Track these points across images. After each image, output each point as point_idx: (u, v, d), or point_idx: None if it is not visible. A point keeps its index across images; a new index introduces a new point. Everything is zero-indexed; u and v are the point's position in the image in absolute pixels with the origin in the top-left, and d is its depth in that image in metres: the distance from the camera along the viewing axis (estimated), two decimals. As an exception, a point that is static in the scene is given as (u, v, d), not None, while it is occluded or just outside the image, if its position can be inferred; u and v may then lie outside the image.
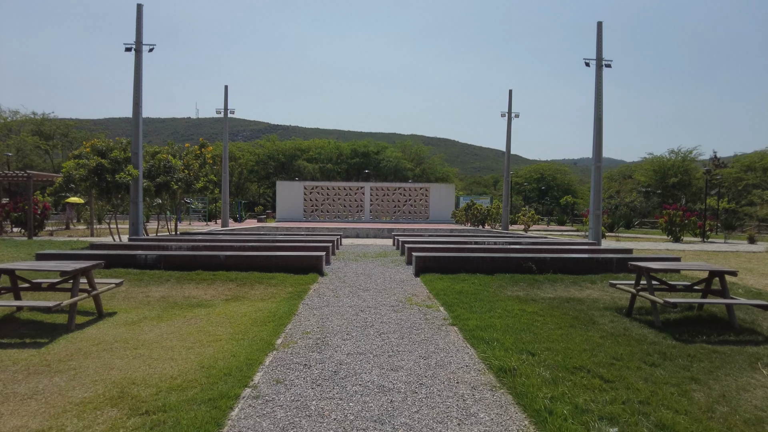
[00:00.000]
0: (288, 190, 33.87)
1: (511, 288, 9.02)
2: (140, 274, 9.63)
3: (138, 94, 15.15)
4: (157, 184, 16.10)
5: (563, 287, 9.28)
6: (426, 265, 10.56)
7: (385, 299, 7.91)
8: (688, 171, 48.28)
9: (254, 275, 9.64)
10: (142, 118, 15.36)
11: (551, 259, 10.90)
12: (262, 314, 6.66)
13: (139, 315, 6.62)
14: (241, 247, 12.47)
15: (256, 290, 8.48)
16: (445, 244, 14.48)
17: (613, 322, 6.47)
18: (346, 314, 6.79)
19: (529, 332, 5.82)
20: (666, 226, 24.41)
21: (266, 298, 7.83)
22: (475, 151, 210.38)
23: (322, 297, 8.00)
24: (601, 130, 15.90)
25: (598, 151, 15.98)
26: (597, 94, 15.85)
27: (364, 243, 19.91)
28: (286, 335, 5.69)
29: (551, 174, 65.69)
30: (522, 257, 10.80)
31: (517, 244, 14.89)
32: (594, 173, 16.10)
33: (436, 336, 5.73)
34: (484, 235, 19.78)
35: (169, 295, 8.03)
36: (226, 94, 25.77)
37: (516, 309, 7.06)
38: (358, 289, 8.77)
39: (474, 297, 7.92)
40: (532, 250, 13.07)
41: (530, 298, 8.13)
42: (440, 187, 35.45)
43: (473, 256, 10.77)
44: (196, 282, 9.08)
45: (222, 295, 8.04)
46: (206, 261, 10.43)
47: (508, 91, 25.75)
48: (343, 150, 61.91)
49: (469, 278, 9.78)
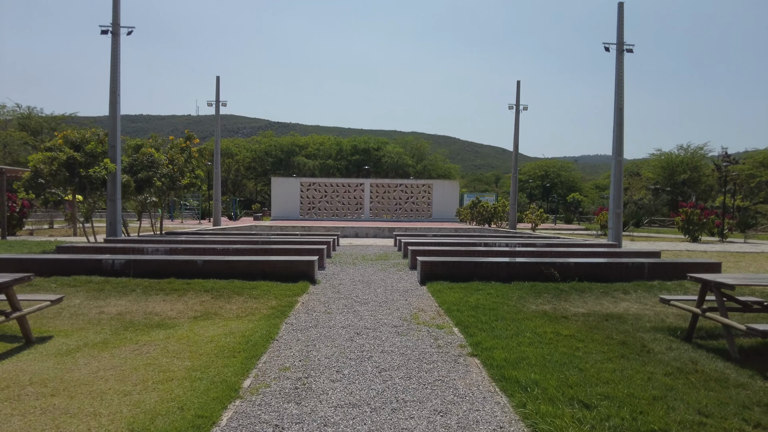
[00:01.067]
0: (284, 187, 32.47)
1: (534, 300, 7.70)
2: (103, 282, 8.31)
3: (115, 82, 13.81)
4: (138, 180, 14.77)
5: (594, 299, 7.97)
6: (433, 272, 9.25)
7: (387, 316, 6.59)
8: (698, 167, 46.86)
9: (234, 284, 8.32)
10: (120, 108, 14.03)
11: (576, 264, 9.58)
12: (234, 339, 5.35)
13: (79, 340, 5.31)
14: (225, 250, 11.16)
15: (232, 304, 7.16)
16: (453, 246, 13.17)
17: (672, 350, 5.15)
18: (338, 339, 5.47)
19: (573, 367, 4.50)
20: (683, 225, 23.08)
21: (243, 315, 6.51)
22: (476, 149, 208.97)
23: (310, 313, 6.68)
24: (622, 121, 14.55)
25: (618, 144, 14.62)
26: (618, 81, 14.48)
27: (364, 243, 18.59)
28: (259, 373, 4.38)
29: (555, 171, 64.27)
30: (542, 262, 9.47)
31: (531, 246, 13.58)
32: (614, 168, 14.75)
33: (453, 374, 4.41)
34: (493, 235, 18.46)
35: (128, 310, 6.71)
36: (218, 85, 24.41)
37: (548, 331, 5.74)
38: (354, 302, 7.45)
39: (493, 314, 6.60)
40: (551, 254, 11.76)
41: (560, 314, 6.81)
42: (444, 183, 34.01)
43: (487, 261, 9.45)
44: (165, 293, 7.76)
45: (191, 311, 6.72)
46: (181, 267, 9.11)
47: (516, 82, 24.44)
48: (342, 146, 60.47)
49: (483, 287, 8.45)
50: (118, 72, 13.86)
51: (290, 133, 72.60)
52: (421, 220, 32.47)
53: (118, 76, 13.85)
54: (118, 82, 13.87)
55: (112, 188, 13.85)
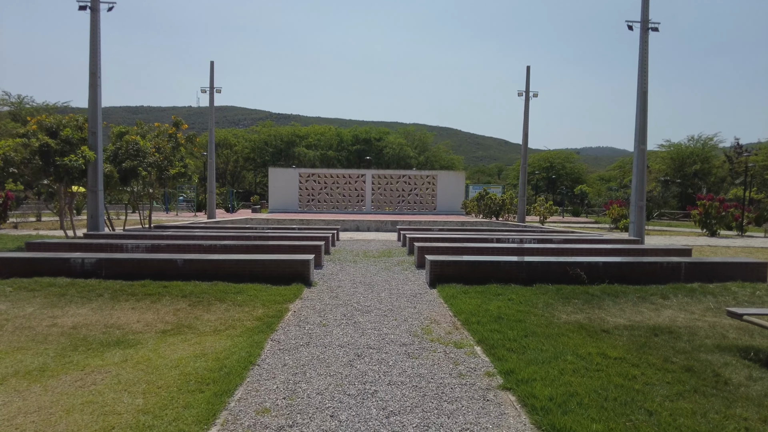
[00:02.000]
0: (282, 178, 31.28)
1: (564, 308, 6.63)
2: (67, 286, 7.26)
3: (95, 62, 12.67)
4: (122, 170, 13.69)
5: (631, 306, 6.90)
6: (443, 273, 8.18)
7: (393, 330, 5.53)
8: (708, 159, 45.56)
9: (218, 288, 7.27)
10: (101, 91, 12.90)
11: (604, 264, 8.51)
12: (205, 364, 4.30)
13: (9, 367, 4.26)
14: (211, 247, 10.10)
15: (212, 313, 6.10)
16: (463, 243, 12.10)
17: (755, 380, 4.09)
18: (335, 363, 4.42)
19: (639, 408, 3.45)
20: (701, 218, 21.96)
21: (221, 329, 5.46)
22: (478, 140, 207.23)
23: (302, 326, 5.63)
24: (646, 106, 13.40)
25: (642, 132, 13.48)
26: (641, 62, 13.31)
27: (365, 237, 17.54)
28: (229, 418, 3.33)
29: (560, 162, 62.95)
30: (567, 262, 8.40)
31: (548, 242, 12.50)
32: (637, 157, 13.61)
33: (484, 419, 3.36)
34: (503, 229, 17.37)
35: (87, 322, 5.66)
36: (212, 71, 23.22)
37: (592, 352, 4.68)
38: (354, 311, 6.39)
39: (520, 327, 5.54)
40: (571, 251, 10.69)
41: (598, 326, 5.75)
42: (448, 174, 32.76)
43: (505, 261, 8.37)
44: (136, 299, 6.71)
45: (161, 323, 5.67)
46: (160, 267, 8.06)
47: (526, 67, 23.18)
48: (343, 136, 59.14)
49: (502, 291, 7.39)
50: (98, 51, 12.71)
51: (291, 123, 71.30)
52: (424, 212, 31.36)
53: (98, 55, 12.71)
54: (99, 63, 12.73)
55: (93, 179, 12.77)
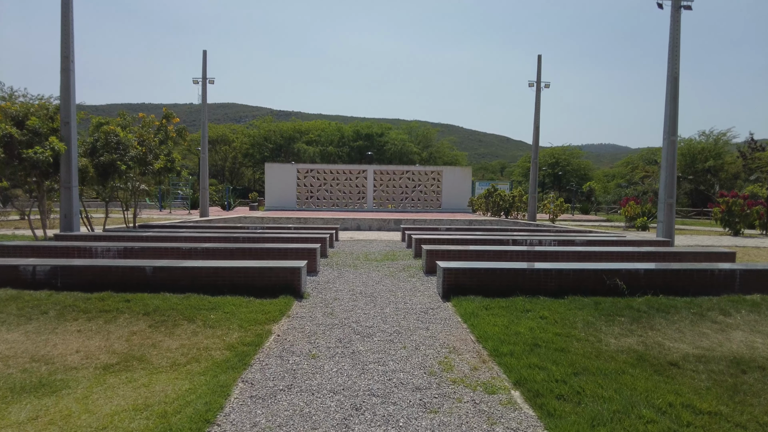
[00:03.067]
0: (279, 174, 29.95)
1: (608, 328, 5.41)
2: (9, 300, 6.05)
3: (67, 44, 11.43)
4: (99, 165, 12.47)
5: (689, 325, 5.67)
6: (458, 282, 6.96)
7: (403, 364, 4.31)
8: (720, 155, 44.09)
9: (190, 302, 6.05)
10: (75, 77, 11.66)
11: (646, 272, 7.26)
12: (143, 425, 3.08)
13: None
14: (191, 251, 8.88)
15: (175, 338, 4.88)
16: (475, 245, 10.88)
17: None
18: (324, 424, 3.20)
19: None
20: (723, 216, 20.67)
21: (181, 363, 4.24)
22: (480, 137, 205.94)
23: (285, 359, 4.40)
24: (677, 93, 12.10)
25: (672, 121, 12.19)
26: (672, 44, 12.01)
27: (366, 237, 16.32)
28: None
29: (566, 158, 61.54)
30: (603, 269, 7.16)
31: (569, 245, 11.27)
32: (667, 149, 12.33)
33: None
34: (515, 228, 16.13)
35: (11, 353, 4.45)
36: (204, 60, 21.94)
37: (674, 402, 3.46)
38: (353, 334, 5.17)
39: (565, 358, 4.32)
40: (600, 255, 9.46)
41: (662, 356, 4.53)
42: (454, 170, 31.37)
43: (531, 268, 7.13)
44: (87, 317, 5.50)
45: (106, 353, 4.45)
46: (125, 276, 6.85)
47: (537, 56, 21.85)
48: (344, 132, 57.78)
49: (531, 306, 6.16)
50: (71, 31, 11.46)
51: (291, 119, 70.04)
52: (429, 210, 30.08)
53: (70, 36, 11.45)
54: (71, 45, 11.47)
55: (66, 173, 11.55)
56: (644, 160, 54.47)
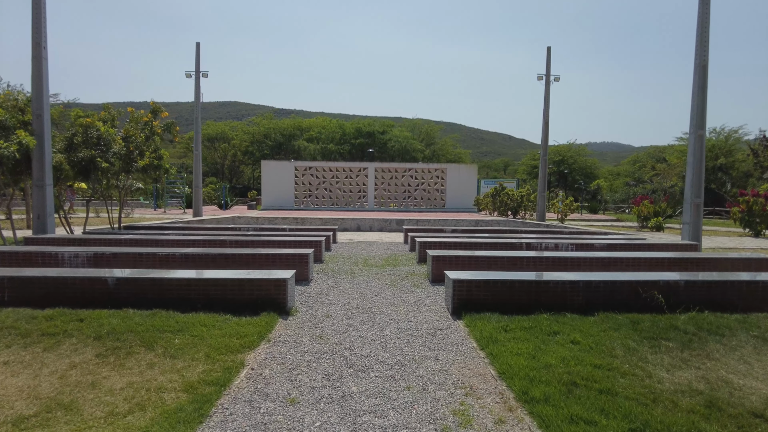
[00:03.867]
0: (276, 172, 28.90)
1: (656, 357, 4.44)
2: (-60, 319, 5.11)
3: (39, 29, 10.49)
4: (77, 161, 11.53)
5: (753, 352, 4.69)
6: (471, 296, 5.99)
7: (406, 414, 3.34)
8: (732, 152, 42.91)
9: (153, 322, 5.09)
10: (47, 65, 10.72)
11: (686, 284, 6.28)
12: None
13: None
14: (169, 257, 7.93)
15: (122, 374, 3.92)
16: (485, 249, 9.91)
17: None
18: None
19: None
20: (743, 216, 19.63)
21: (120, 414, 3.27)
22: (482, 136, 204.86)
23: (256, 407, 3.44)
24: (706, 83, 11.08)
25: (700, 114, 11.16)
26: (701, 30, 10.99)
27: (367, 239, 15.36)
28: None
29: (571, 156, 60.32)
30: (637, 281, 6.18)
31: (588, 249, 10.28)
32: (693, 145, 11.31)
33: None
34: (525, 230, 15.13)
35: None
36: (197, 53, 20.97)
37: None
38: (345, 367, 4.20)
39: (614, 405, 3.35)
40: (627, 262, 8.48)
41: (737, 402, 3.56)
42: (459, 168, 30.26)
43: (554, 280, 6.15)
44: (24, 342, 4.55)
45: (25, 400, 3.49)
46: (83, 289, 5.90)
47: (547, 48, 20.79)
48: (346, 129, 56.74)
49: (559, 327, 5.18)
50: (43, 15, 10.51)
51: (291, 115, 69.03)
52: (433, 210, 29.05)
53: (42, 20, 10.51)
54: (43, 30, 10.53)
55: (38, 170, 10.63)
56: (653, 158, 53.27)
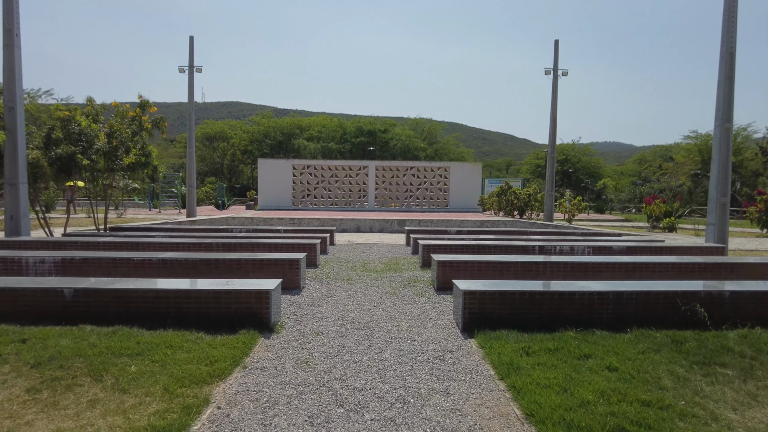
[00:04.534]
0: (273, 171, 28.03)
1: (715, 390, 3.63)
2: None
3: (10, 15, 9.70)
4: (55, 158, 10.76)
5: (829, 382, 3.86)
6: (484, 310, 5.18)
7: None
8: (740, 150, 41.99)
9: (112, 341, 4.31)
10: (21, 54, 9.95)
11: (731, 295, 5.47)
12: None
13: None
14: (144, 263, 7.14)
15: (53, 416, 3.12)
16: (494, 253, 9.10)
17: None
18: None
19: None
20: (760, 216, 18.81)
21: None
22: (484, 135, 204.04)
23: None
24: (733, 73, 10.25)
25: (726, 104, 10.34)
26: (728, 14, 10.14)
27: (366, 241, 14.57)
28: None
29: (575, 155, 59.42)
30: (675, 292, 5.37)
31: (606, 253, 9.47)
32: (719, 140, 10.49)
33: None
34: (532, 230, 14.31)
35: None
36: (191, 47, 20.16)
37: None
38: (333, 409, 3.39)
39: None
40: (653, 268, 7.68)
41: None
42: (463, 166, 29.32)
43: (580, 292, 5.33)
44: (-52, 371, 3.76)
45: None
46: (35, 301, 5.12)
47: (554, 41, 19.96)
48: (346, 128, 55.90)
49: (589, 348, 4.38)
50: (15, 1, 9.74)
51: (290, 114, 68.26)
52: (435, 209, 28.22)
53: (14, 6, 9.72)
54: (16, 16, 9.75)
55: (11, 168, 9.85)
56: (659, 156, 52.38)
